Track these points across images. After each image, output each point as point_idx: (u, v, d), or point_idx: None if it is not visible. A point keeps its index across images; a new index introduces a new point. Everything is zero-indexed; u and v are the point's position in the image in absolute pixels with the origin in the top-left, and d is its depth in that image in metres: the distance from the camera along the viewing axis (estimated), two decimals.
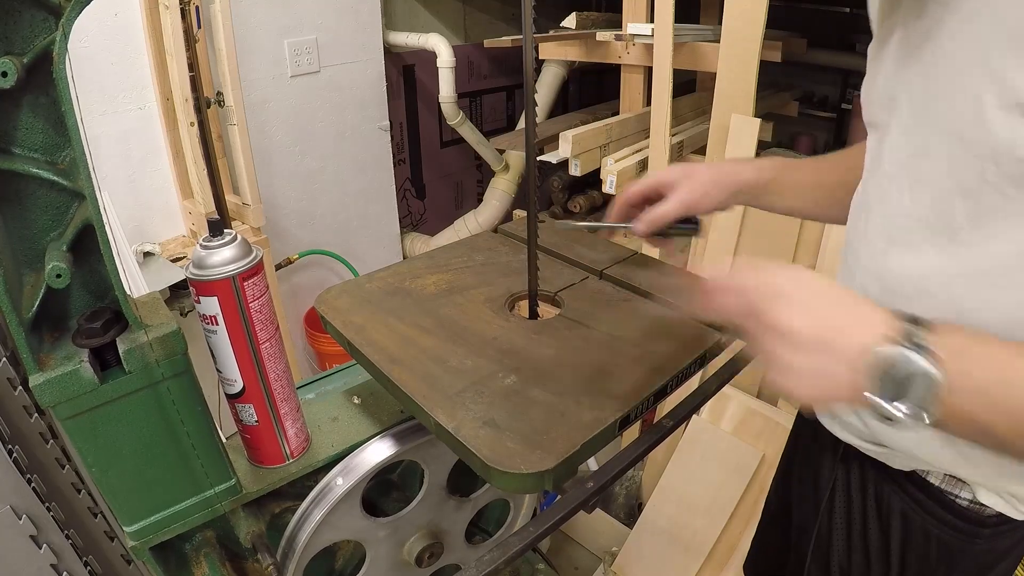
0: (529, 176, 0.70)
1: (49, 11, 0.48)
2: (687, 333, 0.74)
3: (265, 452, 0.73)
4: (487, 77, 2.97)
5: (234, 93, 1.76)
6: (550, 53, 2.25)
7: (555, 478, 0.56)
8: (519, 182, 2.66)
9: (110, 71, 1.69)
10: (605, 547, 1.79)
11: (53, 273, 0.50)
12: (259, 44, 1.98)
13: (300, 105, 2.16)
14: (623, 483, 1.92)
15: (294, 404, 0.73)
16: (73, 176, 0.52)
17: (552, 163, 1.91)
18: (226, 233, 0.63)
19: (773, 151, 2.48)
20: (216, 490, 0.68)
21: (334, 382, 0.91)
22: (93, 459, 0.59)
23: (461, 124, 2.42)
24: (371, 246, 2.57)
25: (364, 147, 2.41)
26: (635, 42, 1.93)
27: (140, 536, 0.65)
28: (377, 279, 0.86)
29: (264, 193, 1.96)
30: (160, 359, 0.58)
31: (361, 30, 2.25)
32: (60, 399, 0.54)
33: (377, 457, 0.75)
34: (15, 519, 0.86)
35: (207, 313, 0.63)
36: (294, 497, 0.78)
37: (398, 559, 0.87)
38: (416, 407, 0.62)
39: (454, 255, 0.93)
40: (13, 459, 0.85)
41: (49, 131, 0.52)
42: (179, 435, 0.63)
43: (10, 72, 0.46)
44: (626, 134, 2.02)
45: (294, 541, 0.75)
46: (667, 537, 1.66)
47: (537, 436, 0.57)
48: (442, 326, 0.74)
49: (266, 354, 0.67)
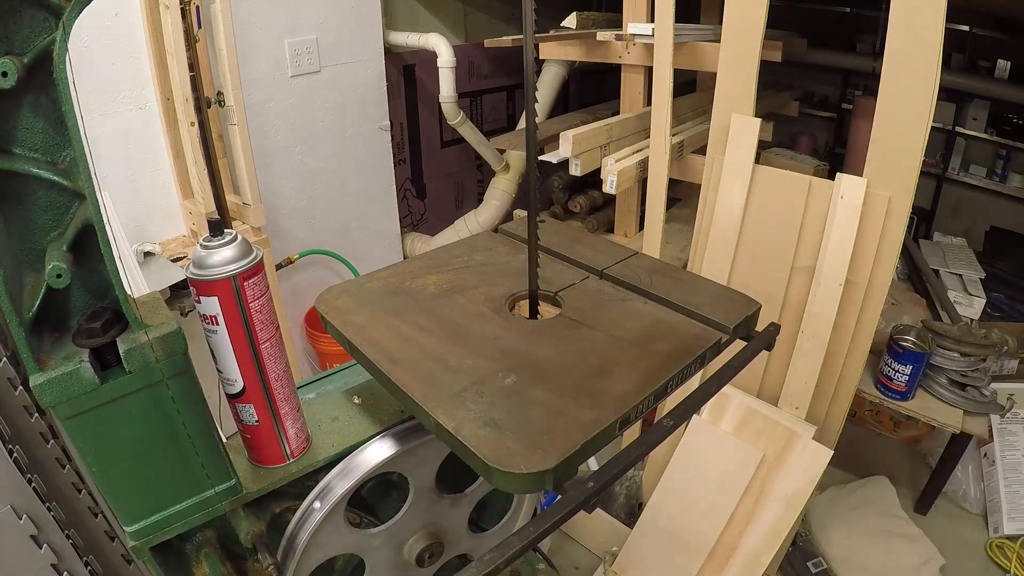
0: (529, 176, 0.70)
1: (49, 11, 0.48)
2: (687, 333, 0.74)
3: (265, 452, 0.73)
4: (487, 77, 2.97)
5: (234, 93, 1.76)
6: (550, 53, 2.25)
7: (555, 478, 0.55)
8: (519, 182, 2.66)
9: (110, 71, 1.69)
10: (605, 547, 1.79)
11: (53, 273, 0.50)
12: (259, 44, 1.98)
13: (300, 105, 2.16)
14: (623, 483, 1.92)
15: (294, 404, 0.73)
16: (73, 176, 0.52)
17: (553, 163, 1.91)
18: (226, 233, 0.63)
19: (774, 151, 2.48)
20: (216, 490, 0.68)
21: (334, 382, 0.91)
22: (93, 459, 0.59)
23: (461, 124, 2.42)
24: (371, 246, 2.57)
25: (364, 147, 2.41)
26: (635, 42, 1.93)
27: (140, 536, 0.65)
28: (377, 279, 0.85)
29: (264, 193, 1.96)
30: (160, 359, 0.58)
31: (361, 30, 2.25)
32: (60, 399, 0.54)
33: (357, 474, 0.74)
34: (15, 519, 0.86)
35: (207, 313, 0.63)
36: (294, 497, 0.78)
37: (399, 561, 0.87)
38: (416, 407, 0.62)
39: (454, 255, 0.93)
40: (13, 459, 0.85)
41: (49, 131, 0.52)
42: (179, 435, 0.63)
43: (10, 72, 0.46)
44: (626, 134, 2.02)
45: (294, 541, 0.75)
46: (667, 537, 1.66)
47: (537, 436, 0.57)
48: (442, 326, 0.74)
49: (266, 354, 0.67)
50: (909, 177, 1.39)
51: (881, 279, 1.48)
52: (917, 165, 1.37)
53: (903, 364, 1.81)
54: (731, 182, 1.64)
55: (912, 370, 1.80)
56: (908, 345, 1.82)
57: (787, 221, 1.57)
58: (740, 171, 1.62)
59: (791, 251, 1.58)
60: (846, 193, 1.46)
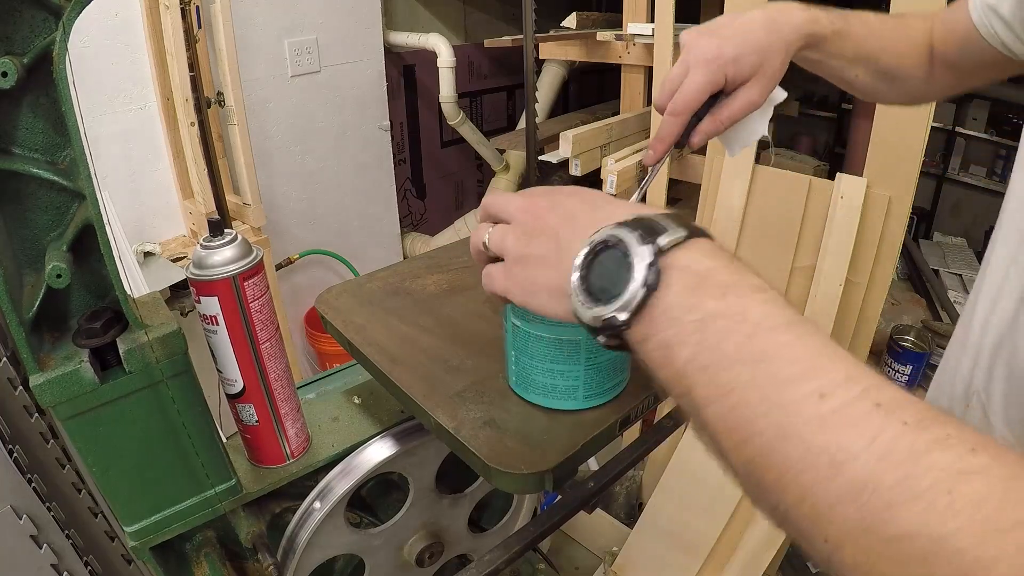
0: (529, 176, 0.70)
1: (49, 11, 0.48)
2: None
3: (265, 452, 0.73)
4: (487, 77, 2.97)
5: (234, 93, 1.76)
6: (550, 53, 2.25)
7: (555, 478, 0.55)
8: (520, 182, 2.66)
9: (110, 71, 1.69)
10: (605, 547, 1.79)
11: (53, 273, 0.50)
12: (259, 44, 1.98)
13: (300, 105, 2.16)
14: (623, 483, 1.92)
15: (294, 404, 0.73)
16: (73, 176, 0.52)
17: (552, 163, 1.91)
18: (226, 233, 0.63)
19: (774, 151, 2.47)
20: (216, 490, 0.68)
21: (334, 382, 0.91)
22: (93, 459, 0.59)
23: (461, 124, 2.42)
24: (371, 246, 2.57)
25: (364, 147, 2.41)
26: (635, 42, 1.93)
27: (140, 536, 0.65)
28: (377, 279, 0.85)
29: (264, 193, 1.96)
30: (160, 359, 0.58)
31: (361, 30, 2.25)
32: (60, 399, 0.54)
33: (357, 474, 0.74)
34: (15, 519, 0.86)
35: (207, 313, 0.63)
36: (294, 497, 0.78)
37: (399, 561, 0.87)
38: (416, 407, 0.62)
39: (454, 255, 0.93)
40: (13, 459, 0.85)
41: (49, 131, 0.52)
42: (179, 435, 0.63)
43: (10, 72, 0.46)
44: (626, 134, 2.02)
45: (294, 541, 0.75)
46: (667, 537, 1.66)
47: (537, 436, 0.57)
48: (443, 326, 0.74)
49: (266, 354, 0.67)
50: (909, 177, 1.39)
51: (881, 279, 1.48)
52: (917, 165, 1.38)
53: (903, 364, 1.81)
54: (731, 182, 1.64)
55: (912, 370, 1.80)
56: (908, 345, 1.82)
57: (787, 221, 1.57)
58: (740, 171, 1.62)
59: (791, 251, 1.58)
60: (846, 193, 1.46)
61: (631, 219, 0.35)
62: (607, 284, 0.34)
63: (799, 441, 0.27)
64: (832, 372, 0.28)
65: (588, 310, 0.35)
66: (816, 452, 0.27)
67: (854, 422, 0.26)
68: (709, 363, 0.31)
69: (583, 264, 0.36)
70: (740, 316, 0.31)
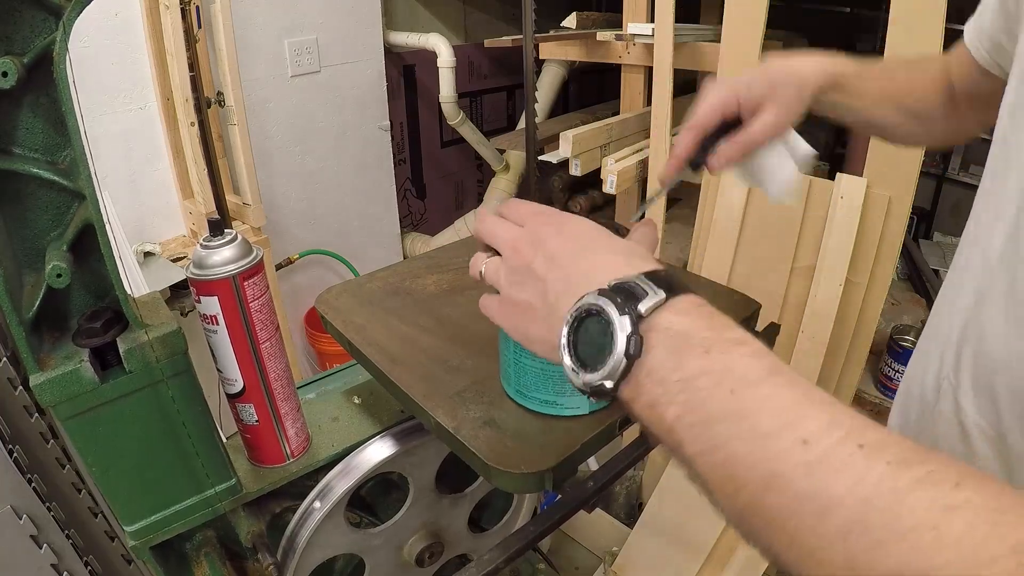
0: (529, 176, 0.70)
1: (49, 11, 0.48)
2: None
3: (265, 452, 0.73)
4: (487, 77, 2.97)
5: (234, 93, 1.76)
6: (550, 53, 2.25)
7: (555, 478, 0.55)
8: (519, 182, 2.66)
9: (110, 71, 1.69)
10: (605, 547, 1.79)
11: (53, 273, 0.50)
12: (259, 44, 1.98)
13: (300, 105, 2.16)
14: (623, 483, 1.92)
15: (294, 404, 0.73)
16: (73, 176, 0.52)
17: (552, 163, 1.91)
18: (226, 233, 0.63)
19: None
20: (216, 490, 0.68)
21: (334, 382, 0.91)
22: (93, 459, 0.59)
23: (461, 124, 2.42)
24: (371, 246, 2.57)
25: (364, 147, 2.41)
26: (635, 42, 1.93)
27: (140, 536, 0.65)
28: (377, 279, 0.85)
29: (264, 193, 1.96)
30: (161, 359, 0.58)
31: (361, 30, 2.25)
32: (60, 399, 0.54)
33: (357, 474, 0.75)
34: (15, 519, 0.86)
35: (207, 313, 0.63)
36: (294, 496, 0.78)
37: (399, 561, 0.87)
38: (416, 407, 0.62)
39: (454, 255, 0.93)
40: (13, 459, 0.85)
41: (49, 131, 0.52)
42: (179, 435, 0.63)
43: (10, 72, 0.46)
44: (626, 134, 2.02)
45: (294, 540, 0.75)
46: (667, 537, 1.66)
47: (537, 436, 0.57)
48: (443, 326, 0.74)
49: (266, 354, 0.67)
50: (909, 177, 1.39)
51: (881, 279, 1.48)
52: (917, 165, 1.38)
53: (903, 364, 1.81)
54: (731, 182, 1.64)
55: None
56: (908, 345, 1.81)
57: (787, 221, 1.57)
58: None
59: (791, 251, 1.58)
60: (846, 193, 1.46)
61: (611, 285, 0.36)
62: (594, 351, 0.36)
63: (785, 489, 0.28)
64: (814, 418, 0.29)
65: (577, 376, 0.37)
66: (802, 499, 0.28)
67: (838, 466, 0.27)
68: (696, 421, 0.32)
69: (569, 332, 0.37)
70: (723, 371, 0.32)
